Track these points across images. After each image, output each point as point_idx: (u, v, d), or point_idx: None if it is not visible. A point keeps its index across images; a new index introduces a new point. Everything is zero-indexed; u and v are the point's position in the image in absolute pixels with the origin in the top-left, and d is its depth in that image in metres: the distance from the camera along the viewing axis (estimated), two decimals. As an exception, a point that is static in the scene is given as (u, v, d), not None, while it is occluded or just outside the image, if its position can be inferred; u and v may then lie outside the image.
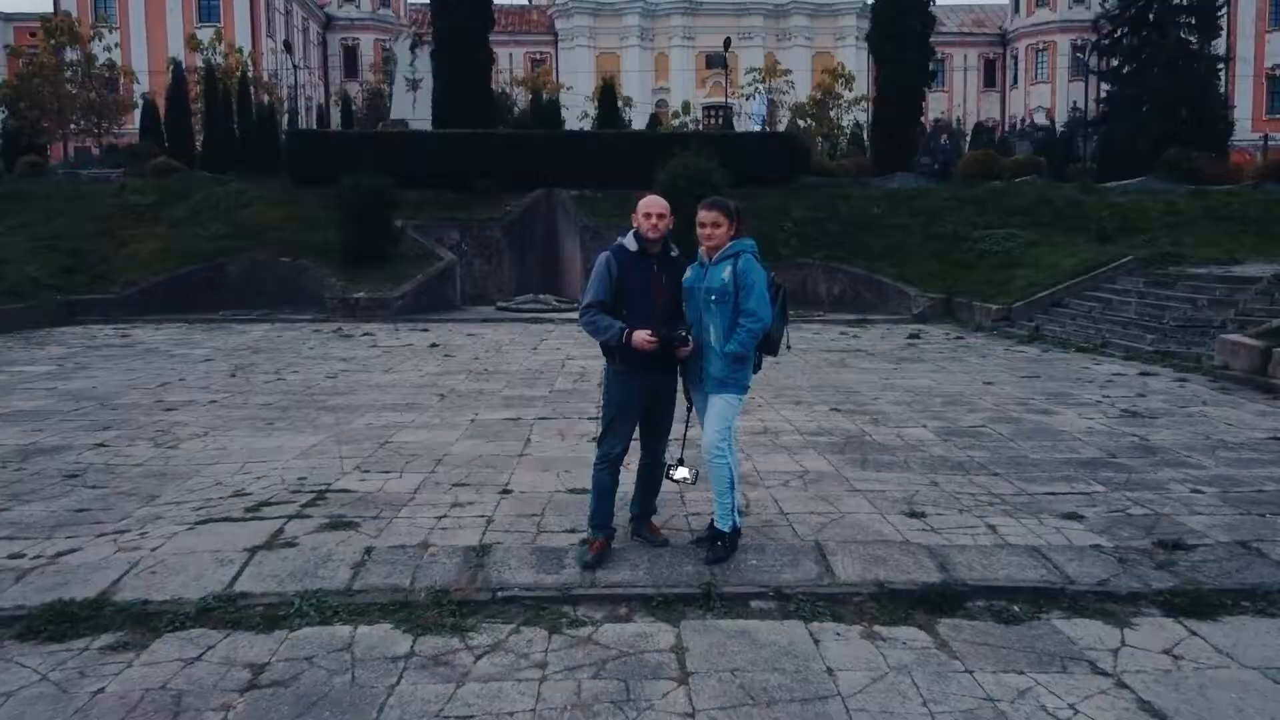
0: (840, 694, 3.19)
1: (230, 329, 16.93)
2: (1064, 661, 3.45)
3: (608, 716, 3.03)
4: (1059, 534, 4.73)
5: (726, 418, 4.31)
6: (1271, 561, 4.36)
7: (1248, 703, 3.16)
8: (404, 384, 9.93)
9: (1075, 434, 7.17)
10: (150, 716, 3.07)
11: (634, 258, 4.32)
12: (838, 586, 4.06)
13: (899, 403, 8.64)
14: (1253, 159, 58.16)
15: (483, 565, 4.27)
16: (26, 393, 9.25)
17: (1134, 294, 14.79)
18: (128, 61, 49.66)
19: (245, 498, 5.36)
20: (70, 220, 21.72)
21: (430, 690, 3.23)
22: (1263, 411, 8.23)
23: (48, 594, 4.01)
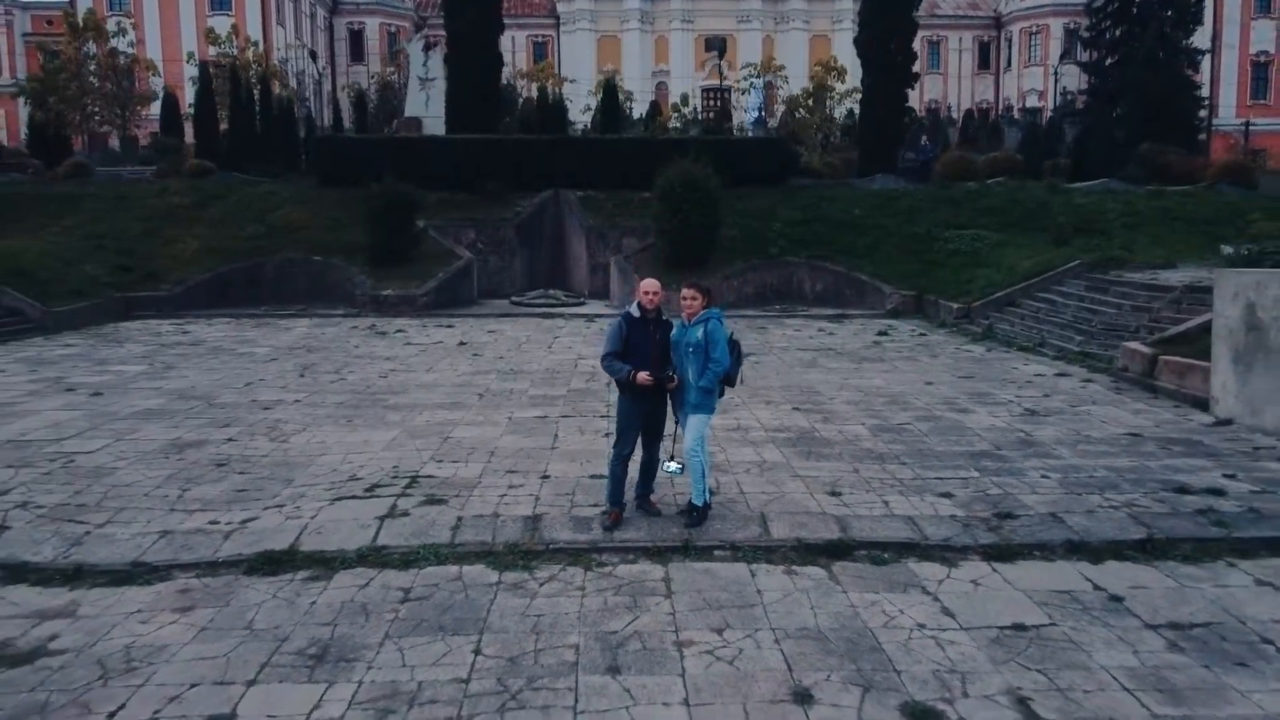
0: (763, 603, 5.30)
1: (275, 325, 19.01)
2: (906, 587, 5.56)
3: (623, 614, 5.15)
4: (931, 507, 6.84)
5: (700, 430, 6.39)
6: (1065, 526, 6.46)
7: (1007, 607, 5.27)
8: (446, 383, 12.03)
9: (978, 430, 9.27)
10: (351, 615, 5.18)
11: (637, 322, 6.38)
12: (771, 542, 6.17)
13: (850, 402, 10.74)
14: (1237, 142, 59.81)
15: (537, 528, 6.39)
16: (140, 393, 11.33)
17: (1074, 297, 16.83)
18: (142, 50, 51.02)
19: (359, 482, 7.48)
20: (117, 221, 23.69)
21: (514, 602, 5.34)
22: (1138, 410, 10.32)
23: (253, 547, 6.12)
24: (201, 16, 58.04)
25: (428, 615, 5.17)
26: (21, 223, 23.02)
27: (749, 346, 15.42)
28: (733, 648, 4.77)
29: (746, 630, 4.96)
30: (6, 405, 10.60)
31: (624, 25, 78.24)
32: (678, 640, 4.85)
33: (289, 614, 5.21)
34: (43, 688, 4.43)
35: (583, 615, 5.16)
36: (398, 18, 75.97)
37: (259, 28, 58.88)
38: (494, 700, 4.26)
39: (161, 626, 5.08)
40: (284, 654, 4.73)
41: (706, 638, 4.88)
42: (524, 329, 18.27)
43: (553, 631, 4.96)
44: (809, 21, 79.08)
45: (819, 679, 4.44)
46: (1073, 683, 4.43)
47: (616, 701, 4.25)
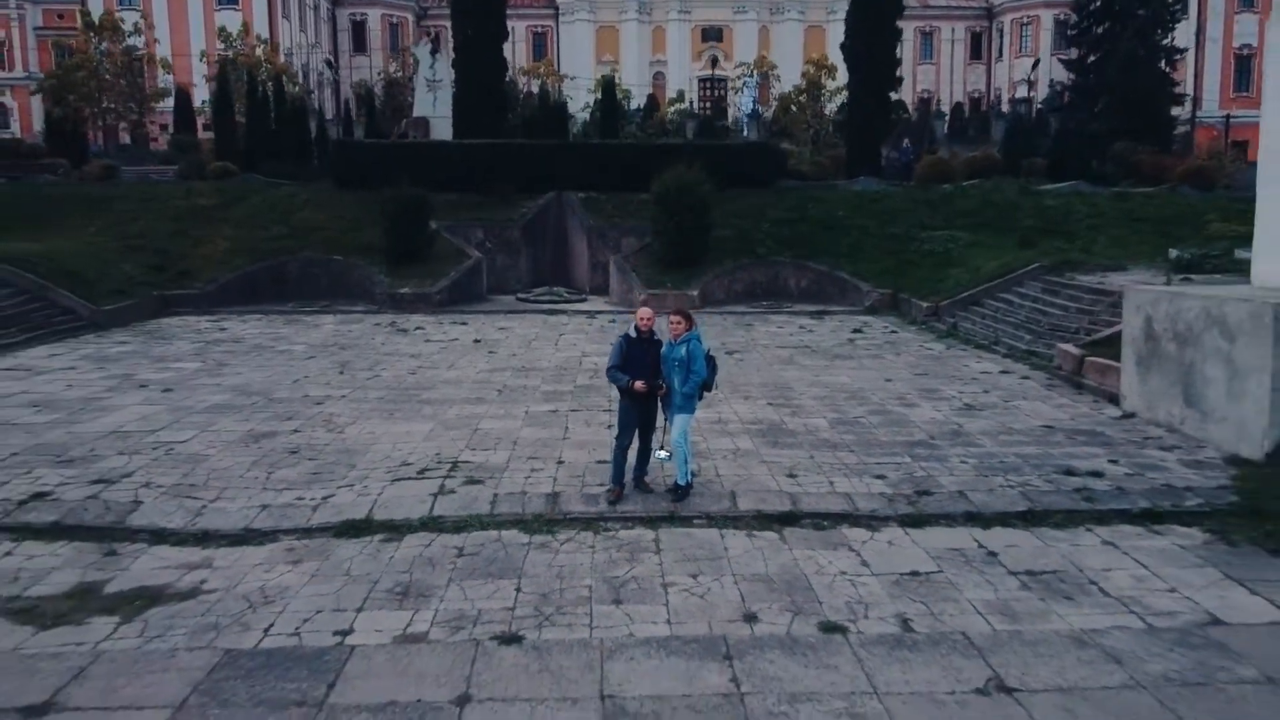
0: (728, 557, 7.10)
1: (303, 322, 20.76)
2: (836, 546, 7.37)
3: (624, 564, 6.95)
4: (866, 487, 8.65)
5: (684, 426, 8.18)
6: (968, 501, 8.27)
7: (909, 560, 7.06)
8: (468, 380, 13.82)
9: (919, 423, 11.08)
10: (421, 565, 6.97)
11: (634, 341, 8.15)
12: (738, 513, 7.98)
13: (816, 398, 12.54)
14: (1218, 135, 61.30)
15: (556, 502, 8.20)
16: (205, 389, 13.10)
17: (1030, 298, 18.60)
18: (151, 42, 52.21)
19: (410, 466, 9.28)
20: (148, 222, 25.36)
21: (542, 557, 7.14)
22: (1060, 405, 12.13)
23: (336, 517, 7.92)
24: (210, 12, 59.29)
25: (478, 566, 6.97)
26: (60, 224, 24.72)
27: (736, 343, 17.29)
28: (703, 587, 6.58)
29: (714, 576, 6.78)
30: (94, 400, 12.37)
31: (622, 16, 79.53)
32: (664, 582, 6.66)
33: (374, 565, 7.02)
34: (209, 614, 6.22)
35: (593, 566, 6.97)
36: (399, 9, 77.22)
37: (265, 21, 60.07)
38: (533, 620, 6.07)
39: (281, 574, 6.88)
40: (378, 591, 6.53)
41: (685, 581, 6.69)
42: (532, 326, 20.04)
43: (572, 576, 6.77)
44: (804, 13, 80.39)
45: (763, 607, 6.26)
46: (943, 610, 6.25)
47: (620, 622, 6.06)
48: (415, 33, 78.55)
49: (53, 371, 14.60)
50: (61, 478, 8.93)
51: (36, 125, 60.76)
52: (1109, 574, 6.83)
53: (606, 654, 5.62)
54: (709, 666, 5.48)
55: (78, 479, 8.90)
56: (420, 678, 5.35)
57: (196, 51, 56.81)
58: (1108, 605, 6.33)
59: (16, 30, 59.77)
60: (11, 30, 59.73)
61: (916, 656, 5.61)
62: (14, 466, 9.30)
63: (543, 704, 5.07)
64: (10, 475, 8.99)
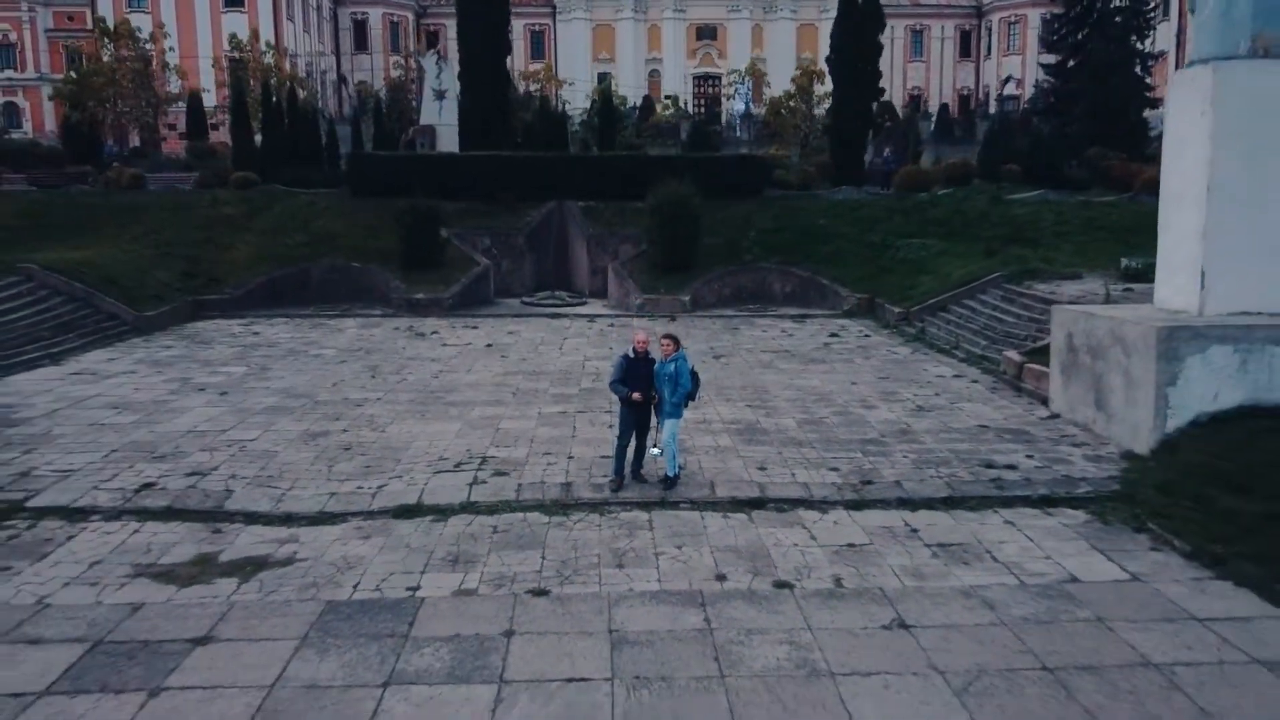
0: (706, 533, 9.04)
1: (327, 325, 22.63)
2: (792, 524, 9.30)
3: (625, 539, 8.88)
4: (821, 477, 10.59)
5: (673, 429, 10.10)
6: (902, 489, 10.22)
7: (849, 535, 9.00)
8: (486, 383, 15.74)
9: (874, 423, 13.02)
10: (465, 540, 8.89)
11: (632, 360, 10.06)
12: (715, 499, 9.92)
13: (789, 400, 14.48)
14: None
15: (569, 490, 10.13)
16: (256, 393, 15.00)
17: (990, 306, 20.52)
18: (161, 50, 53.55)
19: (447, 461, 11.20)
20: (178, 230, 27.15)
21: (560, 533, 9.07)
22: (999, 407, 14.07)
23: (393, 502, 9.84)
24: (216, 14, 60.83)
25: (510, 540, 8.90)
26: (95, 232, 26.48)
27: (723, 347, 19.21)
28: (686, 555, 8.52)
29: (694, 547, 8.71)
30: (163, 403, 14.27)
31: (618, 14, 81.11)
32: (655, 552, 8.60)
33: (428, 539, 8.94)
34: (307, 576, 8.14)
35: (600, 540, 8.90)
36: (400, 8, 78.73)
37: (270, 23, 61.54)
38: (556, 579, 8.00)
39: (356, 546, 8.80)
40: (434, 559, 8.46)
41: (671, 550, 8.63)
42: (538, 330, 21.93)
43: (584, 548, 8.70)
44: (796, 11, 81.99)
45: (731, 569, 8.20)
46: (868, 572, 8.19)
47: (621, 580, 7.99)
48: (415, 31, 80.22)
49: (116, 375, 16.48)
50: (160, 471, 10.85)
51: (48, 125, 62.50)
52: (1002, 545, 8.78)
53: (612, 602, 7.56)
54: (689, 611, 7.42)
55: (174, 472, 10.82)
56: (476, 619, 7.29)
57: (204, 53, 58.48)
58: (995, 569, 8.28)
59: (28, 32, 61.30)
60: (23, 32, 61.25)
61: (843, 604, 7.56)
62: (118, 461, 11.21)
63: (567, 636, 7.01)
64: (118, 469, 10.91)
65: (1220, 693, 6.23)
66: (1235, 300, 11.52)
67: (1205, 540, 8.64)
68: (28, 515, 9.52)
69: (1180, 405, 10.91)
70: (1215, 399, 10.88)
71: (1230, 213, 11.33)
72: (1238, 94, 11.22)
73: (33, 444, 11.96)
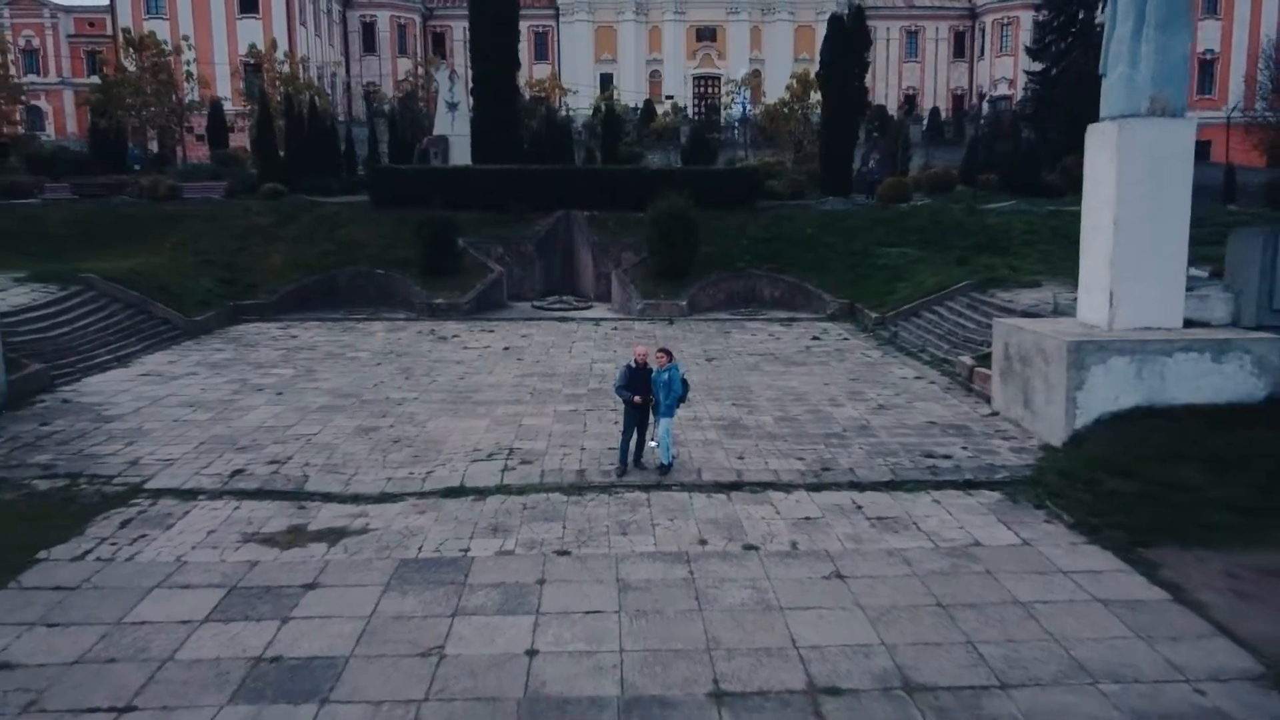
0: (693, 510, 11.37)
1: (356, 329, 24.93)
2: (762, 503, 11.61)
3: (628, 514, 11.20)
4: (788, 465, 12.90)
5: (667, 425, 12.42)
6: (853, 474, 12.52)
7: (806, 510, 11.31)
8: (506, 384, 18.04)
9: (839, 420, 15.33)
10: (502, 515, 11.21)
11: (634, 370, 12.37)
12: (701, 483, 12.24)
13: (769, 399, 16.78)
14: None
15: (583, 475, 12.46)
16: (308, 393, 17.30)
17: (956, 312, 22.77)
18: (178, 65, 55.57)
19: (480, 452, 13.52)
20: (214, 239, 29.48)
21: (576, 509, 11.39)
22: (949, 405, 16.36)
23: (440, 485, 12.17)
24: (232, 20, 63.00)
25: (538, 515, 11.22)
26: (140, 241, 28.80)
27: (715, 350, 21.49)
28: (676, 526, 10.83)
29: (683, 520, 11.03)
30: (229, 402, 16.59)
31: (619, 16, 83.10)
32: (652, 523, 10.92)
33: (472, 514, 11.26)
34: (380, 541, 10.46)
35: (609, 514, 11.22)
36: (407, 10, 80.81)
37: (284, 28, 63.70)
38: (575, 542, 10.31)
39: (415, 519, 11.11)
40: (478, 529, 10.77)
41: (665, 522, 10.94)
42: (548, 334, 24.23)
43: (595, 520, 11.01)
44: (794, 13, 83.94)
45: (711, 536, 10.51)
46: (818, 538, 10.49)
47: (626, 545, 10.30)
48: (422, 32, 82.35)
49: (180, 377, 18.81)
50: (245, 460, 13.18)
51: (69, 127, 64.79)
52: (927, 519, 11.09)
53: (618, 560, 9.88)
54: (677, 566, 9.74)
55: (256, 460, 13.15)
56: (515, 571, 9.60)
57: (220, 59, 60.70)
58: (918, 536, 10.59)
59: (50, 38, 63.50)
60: (45, 38, 63.45)
61: (795, 561, 9.88)
62: (207, 453, 13.54)
63: (585, 583, 9.32)
64: (210, 458, 13.24)
65: (1063, 620, 8.54)
66: (1138, 317, 13.81)
67: (1087, 514, 10.96)
68: (148, 495, 11.85)
69: (1086, 406, 13.20)
70: (1116, 401, 13.17)
71: (1132, 243, 13.61)
72: (1138, 146, 13.48)
73: (131, 437, 14.28)
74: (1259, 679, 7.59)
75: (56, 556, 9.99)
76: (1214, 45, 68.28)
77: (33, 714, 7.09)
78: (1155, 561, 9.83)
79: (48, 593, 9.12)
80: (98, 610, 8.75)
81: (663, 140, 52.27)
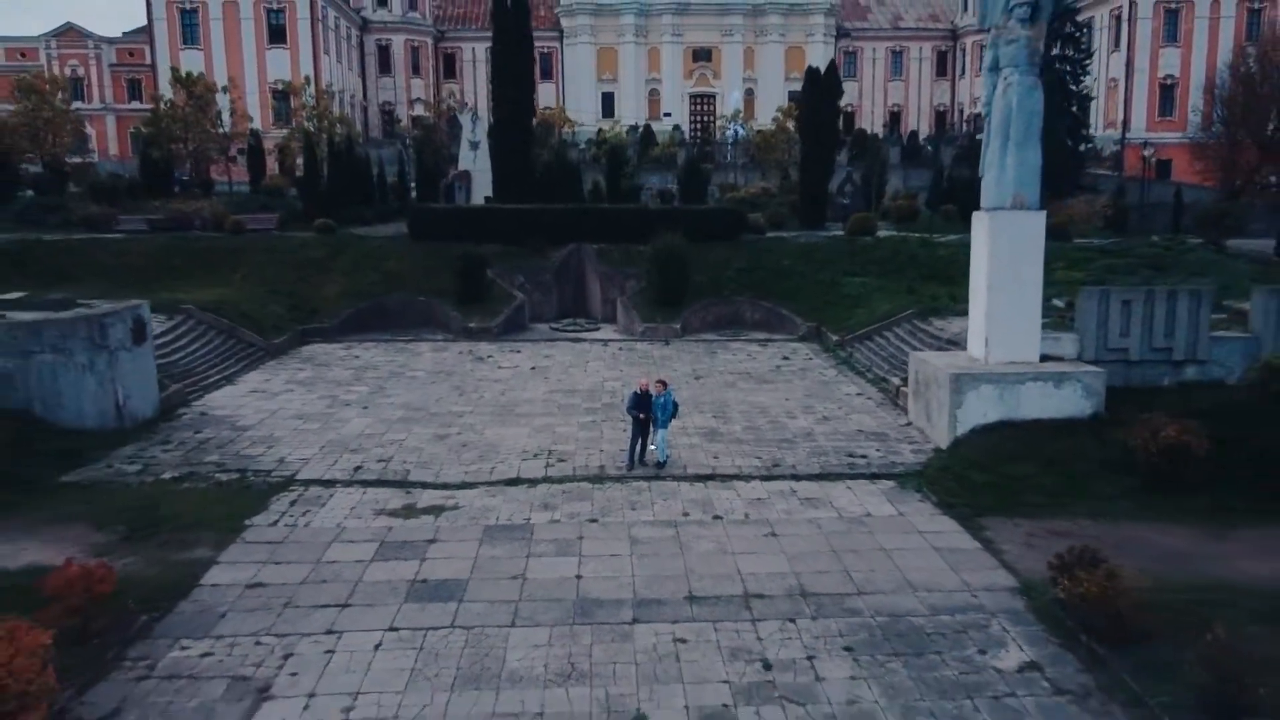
0: (679, 494, 16.53)
1: (406, 350, 30.04)
2: (728, 489, 16.77)
3: (636, 497, 16.36)
4: (750, 462, 18.07)
5: (663, 435, 17.60)
6: (794, 469, 17.71)
7: (756, 493, 16.47)
8: (538, 400, 23.19)
9: (791, 428, 20.48)
10: (548, 497, 16.37)
11: (639, 395, 17.55)
12: (686, 475, 17.41)
13: (740, 412, 21.94)
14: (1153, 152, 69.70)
15: (603, 470, 17.65)
16: (385, 407, 22.45)
17: (899, 338, 27.87)
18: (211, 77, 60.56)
19: (527, 453, 18.70)
20: (277, 270, 34.49)
21: (599, 493, 16.54)
22: (879, 418, 21.51)
23: (501, 477, 17.35)
24: (261, 50, 67.98)
25: (573, 497, 16.38)
26: (214, 272, 33.86)
27: (702, 369, 26.63)
28: (667, 504, 15.99)
29: (673, 500, 16.18)
30: (329, 414, 21.72)
31: (620, 38, 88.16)
32: (651, 502, 16.09)
33: (527, 496, 16.42)
34: (469, 514, 15.61)
35: (623, 496, 16.37)
36: (419, 33, 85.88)
37: (310, 57, 68.65)
38: (600, 513, 15.46)
39: (488, 500, 16.25)
40: (534, 506, 15.92)
41: (660, 502, 16.10)
42: (566, 354, 29.38)
43: (613, 501, 16.16)
44: (785, 35, 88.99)
45: (692, 509, 15.68)
46: (764, 512, 15.65)
47: (634, 514, 15.46)
48: (434, 53, 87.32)
49: (280, 393, 23.94)
50: (359, 460, 18.33)
51: (111, 149, 69.84)
52: (839, 499, 16.25)
53: (629, 525, 15.04)
54: (668, 528, 14.90)
55: (368, 459, 18.30)
56: (562, 531, 14.75)
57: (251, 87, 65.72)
58: (830, 510, 15.75)
59: (94, 67, 68.51)
60: (90, 67, 68.47)
61: (746, 525, 15.03)
62: (330, 454, 18.69)
63: (608, 539, 14.47)
64: (334, 458, 18.39)
65: (908, 559, 13.70)
66: (1006, 354, 18.97)
67: (947, 496, 16.15)
68: (300, 484, 17.00)
69: (964, 420, 18.35)
70: (984, 416, 18.31)
71: (1000, 301, 18.77)
72: (1002, 230, 18.65)
73: (268, 443, 19.43)
74: (1013, 590, 12.78)
75: (258, 523, 15.15)
76: (1174, 71, 73.23)
77: (293, 608, 12.25)
78: (983, 526, 15.03)
79: (264, 545, 14.30)
80: (301, 555, 13.92)
81: (660, 166, 57.37)
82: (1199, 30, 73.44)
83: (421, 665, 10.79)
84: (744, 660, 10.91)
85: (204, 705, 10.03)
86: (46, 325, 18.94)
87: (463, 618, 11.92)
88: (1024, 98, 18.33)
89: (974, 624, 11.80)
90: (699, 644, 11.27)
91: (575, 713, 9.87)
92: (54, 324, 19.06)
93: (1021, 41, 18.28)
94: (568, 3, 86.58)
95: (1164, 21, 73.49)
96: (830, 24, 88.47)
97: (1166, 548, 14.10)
